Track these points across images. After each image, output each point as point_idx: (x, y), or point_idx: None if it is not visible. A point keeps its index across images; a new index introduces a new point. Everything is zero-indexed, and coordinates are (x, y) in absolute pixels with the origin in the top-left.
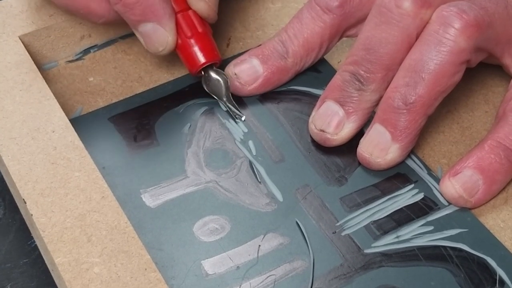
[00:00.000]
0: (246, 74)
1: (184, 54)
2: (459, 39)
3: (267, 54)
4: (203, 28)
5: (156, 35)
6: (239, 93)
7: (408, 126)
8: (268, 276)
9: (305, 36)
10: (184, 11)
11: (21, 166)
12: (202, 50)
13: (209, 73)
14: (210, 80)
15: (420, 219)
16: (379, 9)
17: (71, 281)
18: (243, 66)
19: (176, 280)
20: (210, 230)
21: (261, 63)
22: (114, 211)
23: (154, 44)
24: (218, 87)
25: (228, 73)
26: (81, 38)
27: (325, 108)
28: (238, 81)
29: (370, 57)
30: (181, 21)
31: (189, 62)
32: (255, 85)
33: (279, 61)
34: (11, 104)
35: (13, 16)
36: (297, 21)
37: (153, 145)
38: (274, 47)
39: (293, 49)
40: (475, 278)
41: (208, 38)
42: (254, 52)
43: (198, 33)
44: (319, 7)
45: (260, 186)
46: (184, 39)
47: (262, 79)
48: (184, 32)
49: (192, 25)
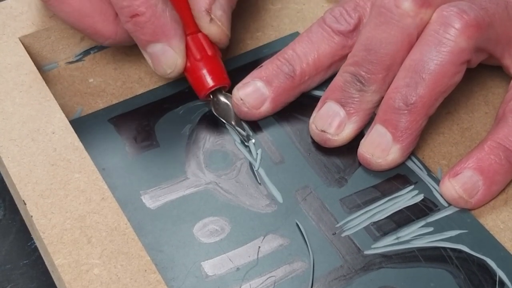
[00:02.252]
0: (252, 98)
1: (192, 77)
2: (460, 39)
3: (272, 74)
4: (212, 51)
5: (165, 56)
6: (249, 118)
7: (409, 127)
8: (268, 278)
9: (316, 55)
10: (194, 34)
11: (21, 167)
12: (211, 73)
13: (217, 96)
14: (218, 104)
15: (420, 220)
16: (379, 10)
17: (71, 282)
18: (248, 89)
19: (176, 282)
20: (210, 232)
21: (265, 84)
22: (114, 212)
23: (163, 66)
24: (227, 111)
25: (233, 99)
26: (81, 39)
27: (326, 109)
28: (245, 106)
29: (371, 57)
30: (190, 44)
31: (197, 85)
32: (263, 108)
33: (285, 81)
34: (11, 106)
35: (13, 18)
36: (307, 40)
37: (153, 147)
38: (279, 66)
39: (302, 68)
40: (475, 279)
41: (217, 62)
42: (257, 74)
43: (208, 56)
44: (330, 29)
45: (260, 187)
46: (193, 62)
47: (270, 102)
48: (193, 55)
49: (202, 48)
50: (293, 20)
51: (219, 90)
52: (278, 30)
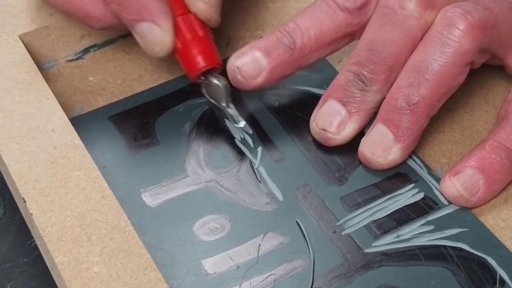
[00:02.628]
0: (249, 67)
1: (183, 58)
2: (464, 40)
3: (271, 45)
4: (204, 32)
5: (152, 34)
6: (242, 87)
7: (411, 127)
8: (268, 276)
9: (318, 29)
10: (184, 14)
11: (21, 165)
12: (202, 54)
13: (209, 78)
14: (210, 85)
15: (420, 219)
16: (383, 10)
17: (71, 280)
18: (245, 59)
19: (176, 280)
20: (210, 230)
21: (264, 55)
22: (114, 210)
23: (150, 44)
24: (218, 93)
25: (229, 67)
26: (81, 37)
27: (328, 107)
28: (241, 75)
29: (374, 58)
30: (181, 24)
31: (188, 66)
32: (259, 79)
33: (284, 53)
34: (11, 104)
35: (13, 15)
36: (310, 14)
37: (153, 144)
38: (279, 37)
39: (303, 41)
40: (476, 277)
41: (208, 42)
42: (256, 44)
43: (199, 37)
44: (336, 4)
45: (260, 185)
46: (184, 42)
47: (266, 73)
48: (184, 35)
49: (192, 28)
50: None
51: (210, 71)
52: None
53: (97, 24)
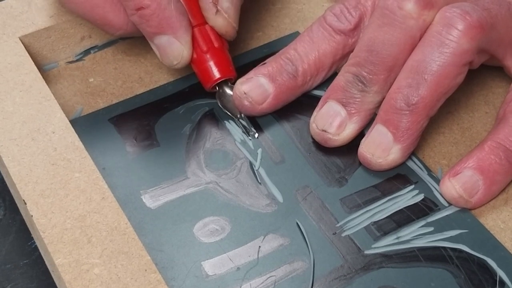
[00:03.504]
0: (255, 93)
1: (199, 68)
2: (462, 40)
3: (275, 72)
4: (219, 43)
5: (171, 48)
6: (249, 112)
7: (410, 127)
8: (269, 277)
9: (317, 55)
10: (201, 25)
11: (21, 167)
12: (217, 65)
13: (223, 88)
14: (224, 96)
15: (420, 220)
16: (381, 11)
17: (71, 282)
18: (251, 84)
19: (176, 281)
20: (210, 231)
21: (269, 81)
22: (114, 212)
23: (169, 57)
24: (232, 103)
25: (236, 93)
26: (82, 39)
27: (327, 108)
28: (248, 100)
29: (373, 58)
30: (197, 35)
31: (203, 77)
32: (265, 104)
33: (288, 80)
34: (11, 105)
35: (13, 17)
36: (308, 39)
37: (153, 146)
38: (282, 65)
39: (304, 68)
40: (475, 279)
41: (224, 54)
42: (261, 71)
43: (214, 48)
44: (331, 28)
45: (260, 187)
46: (200, 53)
47: (272, 98)
48: (200, 46)
49: (209, 40)
50: (293, 20)
51: (225, 82)
52: (278, 30)
53: (117, 32)
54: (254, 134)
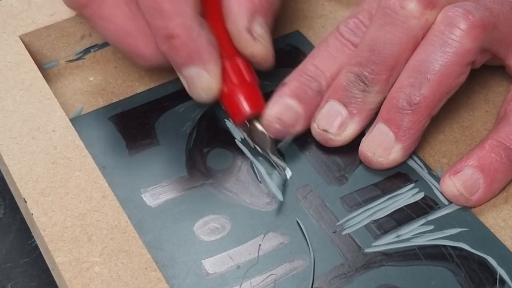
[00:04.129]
0: (287, 116)
1: (228, 102)
2: (465, 40)
3: (300, 91)
4: (250, 77)
5: (200, 80)
6: (281, 136)
7: (412, 127)
8: (269, 276)
9: (338, 68)
10: (231, 57)
11: (21, 165)
12: (247, 99)
13: (253, 124)
14: (254, 132)
15: (420, 219)
16: (383, 11)
17: (72, 280)
18: (280, 107)
19: (176, 280)
20: (210, 230)
21: (297, 102)
22: (114, 210)
23: (198, 90)
24: (263, 139)
25: (266, 118)
26: (82, 37)
27: (328, 108)
28: (280, 124)
29: (375, 58)
30: (228, 68)
31: (233, 112)
32: (298, 126)
33: (315, 98)
34: (11, 104)
35: (13, 16)
36: (326, 54)
37: (153, 145)
38: (305, 83)
39: (327, 82)
40: (476, 277)
41: (255, 88)
42: (285, 92)
43: (245, 82)
44: (349, 42)
45: (261, 185)
46: (230, 86)
47: (304, 118)
48: (230, 79)
49: (239, 72)
50: (293, 19)
51: (256, 117)
52: (279, 29)
53: (147, 63)
54: (287, 170)
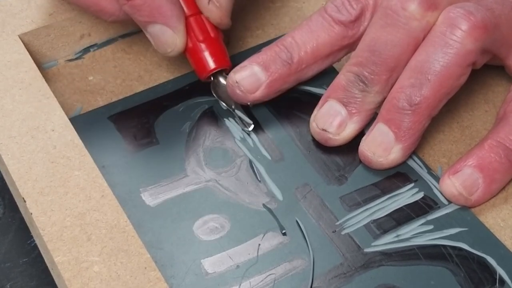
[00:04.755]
0: (248, 82)
1: (194, 58)
2: (466, 41)
3: (269, 60)
4: (215, 33)
5: (164, 36)
6: (241, 101)
7: (412, 127)
8: (268, 275)
9: (314, 43)
10: (197, 15)
11: (20, 165)
12: (212, 55)
13: (218, 79)
14: (219, 86)
15: (420, 218)
16: (385, 11)
17: (71, 280)
18: (244, 73)
19: (176, 279)
20: (210, 229)
21: (262, 69)
22: (113, 210)
23: (163, 45)
24: (227, 94)
25: (229, 82)
26: (81, 37)
27: (328, 108)
28: (240, 89)
29: (375, 59)
30: (193, 25)
31: (198, 67)
32: (258, 93)
33: (282, 68)
34: (10, 103)
35: (12, 15)
36: (306, 28)
37: (152, 144)
38: (277, 52)
39: (300, 56)
40: (475, 277)
41: (219, 44)
42: (255, 59)
43: (210, 38)
44: (331, 18)
45: (260, 185)
46: (195, 43)
47: (265, 87)
48: (195, 36)
49: (204, 29)
50: (293, 18)
51: (220, 72)
52: (278, 28)
53: (110, 17)
54: (249, 125)
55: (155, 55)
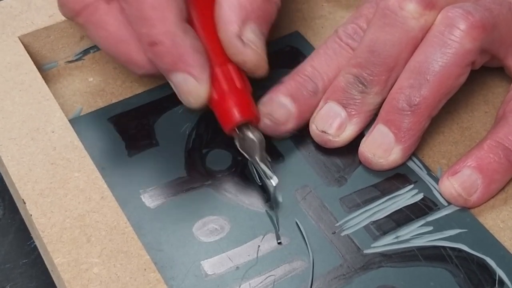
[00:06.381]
0: (279, 113)
1: (218, 109)
2: (465, 40)
3: (295, 91)
4: (241, 83)
5: (187, 86)
6: (271, 133)
7: (412, 128)
8: (268, 277)
9: (336, 70)
10: (223, 65)
11: (20, 166)
12: (238, 106)
13: (243, 132)
14: (244, 139)
15: (419, 220)
16: (383, 12)
17: (71, 281)
18: (273, 104)
19: (175, 281)
20: (209, 231)
21: (291, 101)
22: (113, 211)
23: (186, 95)
24: (252, 147)
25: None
26: (81, 38)
27: (327, 109)
28: (270, 120)
29: (374, 59)
30: (219, 75)
31: (223, 118)
32: (289, 124)
33: (309, 98)
34: (10, 105)
35: (12, 17)
36: (324, 55)
37: (152, 146)
38: (301, 83)
39: (324, 84)
40: (475, 278)
41: (246, 94)
42: (280, 90)
43: (236, 89)
44: (347, 46)
45: (260, 186)
46: (221, 94)
47: (295, 118)
48: (221, 86)
49: (230, 80)
50: (292, 19)
51: (246, 124)
52: (278, 30)
53: (140, 71)
54: (273, 179)
55: None
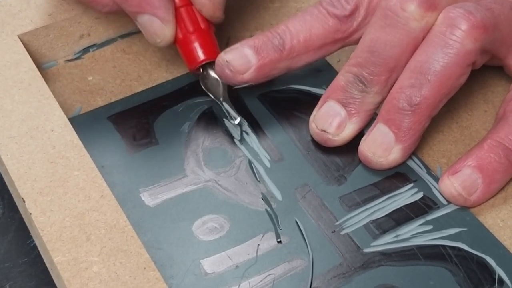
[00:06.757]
0: (238, 62)
1: (183, 49)
2: (466, 41)
3: (261, 44)
4: (205, 24)
5: (153, 26)
6: (229, 81)
7: (412, 127)
8: (267, 275)
9: (308, 33)
10: (187, 6)
11: (20, 165)
12: (202, 47)
13: (207, 71)
14: (208, 78)
15: (419, 218)
16: (384, 12)
17: (70, 280)
18: (235, 54)
19: (175, 279)
20: (209, 229)
21: (254, 52)
22: (113, 210)
23: (152, 36)
24: (215, 86)
25: (219, 60)
26: (80, 37)
27: (327, 108)
28: (229, 68)
29: (375, 59)
30: (183, 16)
31: (188, 58)
32: (247, 75)
33: (273, 53)
34: (10, 103)
35: (12, 15)
36: (301, 18)
37: (152, 144)
38: (269, 38)
39: (292, 43)
40: (474, 277)
41: (209, 35)
42: (247, 42)
43: (200, 29)
44: (326, 11)
45: (259, 185)
46: (185, 34)
47: (254, 70)
48: (185, 27)
49: (195, 20)
50: None
51: (210, 64)
52: None
53: (104, 8)
54: (236, 119)
55: (155, 55)
